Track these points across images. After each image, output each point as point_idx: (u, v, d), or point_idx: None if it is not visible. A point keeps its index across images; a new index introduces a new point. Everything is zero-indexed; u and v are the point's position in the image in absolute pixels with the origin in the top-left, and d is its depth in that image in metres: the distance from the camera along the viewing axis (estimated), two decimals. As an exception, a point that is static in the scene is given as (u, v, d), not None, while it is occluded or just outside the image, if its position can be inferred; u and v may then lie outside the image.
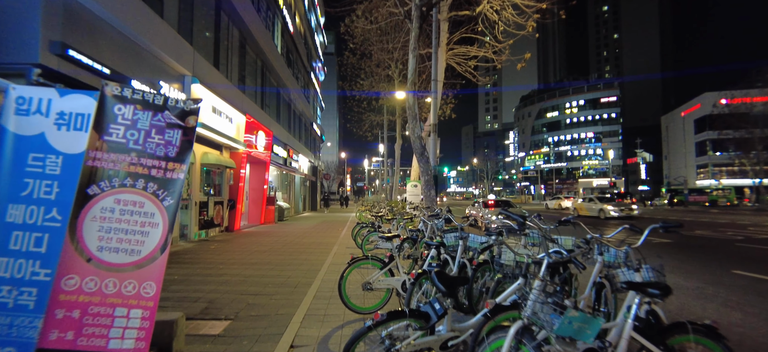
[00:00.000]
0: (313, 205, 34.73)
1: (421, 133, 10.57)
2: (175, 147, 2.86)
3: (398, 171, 28.27)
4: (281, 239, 12.15)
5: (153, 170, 2.80)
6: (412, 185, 15.13)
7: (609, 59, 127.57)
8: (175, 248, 9.86)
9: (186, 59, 10.63)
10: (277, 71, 21.14)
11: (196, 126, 2.95)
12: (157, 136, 2.83)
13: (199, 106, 3.03)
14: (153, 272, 2.67)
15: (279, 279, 6.43)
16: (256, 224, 17.87)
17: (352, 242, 11.40)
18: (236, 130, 14.39)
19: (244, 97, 15.65)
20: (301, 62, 29.86)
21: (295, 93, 26.94)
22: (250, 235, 13.50)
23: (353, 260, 4.45)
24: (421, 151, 10.37)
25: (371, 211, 20.64)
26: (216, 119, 12.40)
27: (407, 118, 10.82)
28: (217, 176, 14.30)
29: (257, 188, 18.32)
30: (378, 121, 30.27)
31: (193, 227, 11.89)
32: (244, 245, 10.87)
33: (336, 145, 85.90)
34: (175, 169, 2.83)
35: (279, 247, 10.43)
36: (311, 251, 9.81)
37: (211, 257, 8.71)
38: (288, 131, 25.32)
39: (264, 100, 19.60)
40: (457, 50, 16.89)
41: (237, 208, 14.73)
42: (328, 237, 12.92)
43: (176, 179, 2.84)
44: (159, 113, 2.88)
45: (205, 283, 6.07)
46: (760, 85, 41.45)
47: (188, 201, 11.79)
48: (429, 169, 10.43)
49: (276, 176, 23.11)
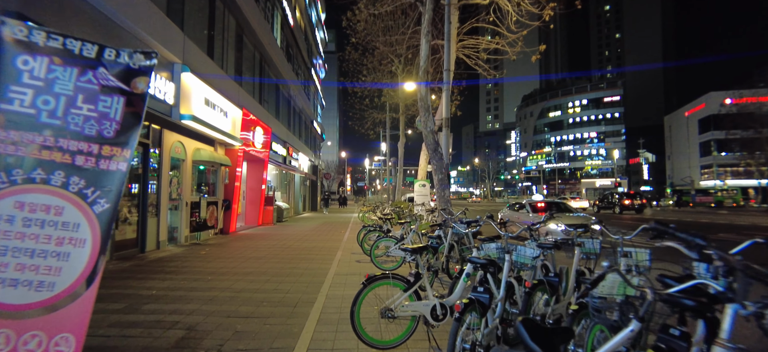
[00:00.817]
0: (314, 205, 33.73)
1: (433, 127, 9.58)
2: (115, 122, 1.89)
3: (401, 170, 27.23)
4: (280, 243, 11.16)
5: (79, 158, 1.82)
6: (420, 184, 14.14)
7: (611, 59, 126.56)
8: (160, 254, 8.86)
9: (175, 45, 9.63)
10: (276, 65, 20.15)
11: (147, 92, 1.96)
12: (86, 106, 1.86)
13: (153, 62, 2.03)
14: (73, 316, 1.70)
15: (276, 295, 5.44)
16: (253, 225, 16.87)
17: (356, 246, 10.40)
18: (232, 126, 13.39)
19: (240, 91, 14.65)
20: (301, 57, 28.86)
21: (295, 89, 25.94)
22: (247, 238, 12.51)
23: (369, 279, 3.45)
24: (434, 147, 9.38)
25: (375, 212, 19.66)
26: (209, 112, 11.40)
27: (418, 111, 9.82)
28: (212, 174, 13.30)
29: (255, 187, 17.32)
30: (380, 118, 29.26)
31: (184, 229, 10.89)
32: (238, 249, 9.88)
33: (336, 145, 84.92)
34: (113, 157, 1.86)
35: (277, 252, 9.44)
36: (312, 257, 8.82)
37: (200, 264, 7.72)
38: (287, 128, 24.33)
39: (262, 95, 18.61)
40: (467, 42, 15.91)
41: (232, 208, 13.74)
42: (331, 241, 11.93)
43: (114, 172, 1.86)
44: (90, 71, 1.89)
45: (187, 300, 5.08)
46: (762, 85, 40.80)
47: (178, 201, 10.80)
48: (443, 166, 9.44)
49: (275, 175, 22.11)
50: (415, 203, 13.40)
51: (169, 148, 9.98)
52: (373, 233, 8.98)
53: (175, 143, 10.29)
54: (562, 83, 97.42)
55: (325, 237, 12.90)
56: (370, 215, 19.34)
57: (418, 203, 13.45)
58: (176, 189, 10.67)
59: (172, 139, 10.09)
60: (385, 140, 34.90)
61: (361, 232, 9.79)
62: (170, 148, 10.03)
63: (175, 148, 10.29)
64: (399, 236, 7.74)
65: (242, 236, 13.15)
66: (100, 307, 4.69)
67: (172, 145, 10.13)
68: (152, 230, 9.33)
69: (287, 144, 22.89)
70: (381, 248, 7.85)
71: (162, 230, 9.67)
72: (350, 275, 6.91)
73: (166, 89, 9.32)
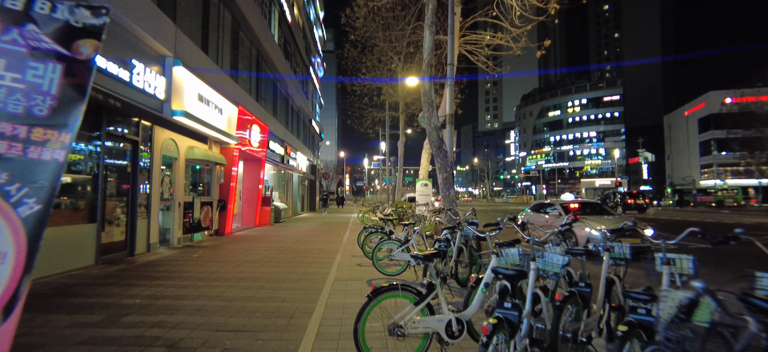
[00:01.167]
0: (312, 205, 33.26)
1: (437, 123, 9.13)
2: (49, 97, 1.45)
3: (401, 170, 26.79)
4: (276, 245, 10.70)
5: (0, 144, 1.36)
6: (422, 183, 13.68)
7: (610, 58, 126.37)
8: (150, 257, 8.40)
9: (166, 37, 9.17)
10: (273, 62, 19.68)
11: (93, 60, 1.51)
12: (9, 75, 1.40)
13: (103, 20, 1.58)
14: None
15: (270, 304, 4.98)
16: (250, 226, 16.41)
17: (357, 248, 9.96)
18: (227, 123, 12.93)
19: (236, 88, 14.19)
20: (299, 55, 28.40)
21: (293, 87, 25.48)
22: (242, 239, 12.04)
23: (376, 291, 3.01)
24: (438, 145, 8.93)
25: (375, 212, 19.20)
26: (203, 109, 10.94)
27: (417, 110, 9.36)
28: (206, 173, 12.83)
29: (251, 187, 16.86)
30: (380, 117, 28.80)
31: (176, 231, 10.42)
32: (233, 252, 9.41)
33: (335, 145, 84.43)
34: (47, 142, 1.43)
35: (273, 255, 8.98)
36: (311, 260, 8.36)
37: (191, 268, 7.25)
38: (285, 127, 23.86)
39: (259, 93, 18.15)
40: (469, 37, 15.49)
41: (228, 209, 13.27)
42: (330, 242, 11.48)
43: (48, 162, 1.42)
44: (14, 28, 1.43)
45: (172, 310, 4.63)
46: (761, 84, 40.72)
47: (170, 202, 10.33)
48: (447, 164, 8.99)
49: (272, 174, 21.64)
50: (418, 204, 12.96)
51: (161, 146, 9.51)
52: (374, 234, 8.53)
53: (167, 141, 9.82)
54: (561, 83, 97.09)
55: (324, 239, 12.45)
56: (370, 216, 18.90)
57: (420, 204, 13.00)
58: (168, 189, 10.20)
59: (164, 136, 9.62)
60: (385, 139, 34.46)
61: (361, 233, 9.34)
62: (162, 146, 9.56)
63: (166, 145, 9.82)
64: (403, 239, 7.29)
65: (238, 237, 12.69)
66: (74, 320, 4.23)
67: (164, 143, 9.67)
68: (142, 231, 8.86)
69: (285, 143, 22.42)
70: (384, 251, 7.41)
71: (153, 232, 9.20)
72: (351, 280, 6.46)
73: (157, 84, 8.86)
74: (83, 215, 7.19)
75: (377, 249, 6.98)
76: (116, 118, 8.07)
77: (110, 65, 7.24)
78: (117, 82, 7.54)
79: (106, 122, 7.58)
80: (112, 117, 7.86)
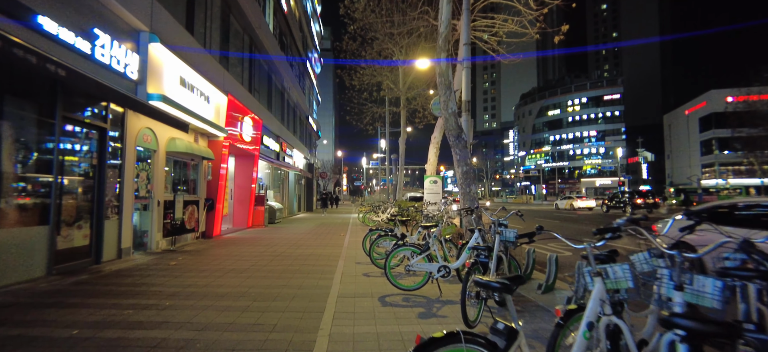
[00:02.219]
0: (309, 205, 31.95)
1: (455, 108, 7.89)
2: None
3: (403, 168, 25.52)
4: (269, 250, 9.43)
5: None
6: (431, 180, 12.42)
7: (608, 58, 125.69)
8: (121, 265, 7.11)
9: (140, 8, 7.87)
10: (268, 51, 18.39)
11: None
12: None
13: None
14: None
15: (254, 335, 3.72)
16: (242, 227, 15.11)
17: (361, 254, 8.72)
18: (215, 113, 11.64)
19: (226, 75, 12.90)
20: (296, 47, 27.09)
21: (289, 80, 24.18)
22: (232, 243, 10.76)
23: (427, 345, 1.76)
24: (457, 134, 7.69)
25: (377, 212, 17.95)
26: (186, 95, 9.65)
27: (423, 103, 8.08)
28: (192, 169, 11.53)
29: (244, 185, 15.56)
30: (380, 112, 27.54)
31: (155, 233, 9.13)
32: (218, 259, 8.13)
33: (332, 144, 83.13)
34: None
35: (265, 262, 7.71)
36: (309, 269, 7.10)
37: (163, 281, 5.98)
38: (281, 122, 22.57)
39: (253, 83, 16.85)
40: (480, 23, 14.27)
41: (217, 209, 11.98)
42: (330, 246, 10.21)
43: None
44: None
45: (116, 347, 3.35)
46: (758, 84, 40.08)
47: (148, 200, 9.04)
48: (468, 157, 7.76)
49: (268, 173, 20.33)
50: (427, 203, 11.72)
51: (136, 135, 8.21)
52: (384, 239, 7.27)
53: (144, 130, 8.52)
54: (561, 81, 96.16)
55: (322, 241, 11.18)
56: (373, 216, 17.65)
57: (430, 203, 11.77)
58: (145, 185, 8.91)
59: (139, 124, 8.32)
60: (385, 137, 33.21)
61: (367, 237, 8.09)
62: (137, 136, 8.26)
63: (143, 135, 8.53)
64: (420, 244, 6.06)
65: (227, 240, 11.40)
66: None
67: (140, 133, 8.37)
68: (111, 235, 7.57)
69: (280, 139, 21.14)
70: (398, 259, 6.18)
71: (125, 235, 7.90)
72: (359, 297, 5.21)
73: (129, 61, 7.57)
74: (31, 215, 5.89)
75: (391, 256, 5.73)
76: (77, 99, 6.77)
77: (64, 32, 5.94)
78: (76, 55, 6.25)
79: (62, 103, 6.28)
80: (71, 97, 6.56)
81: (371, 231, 7.96)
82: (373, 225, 17.20)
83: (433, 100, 10.42)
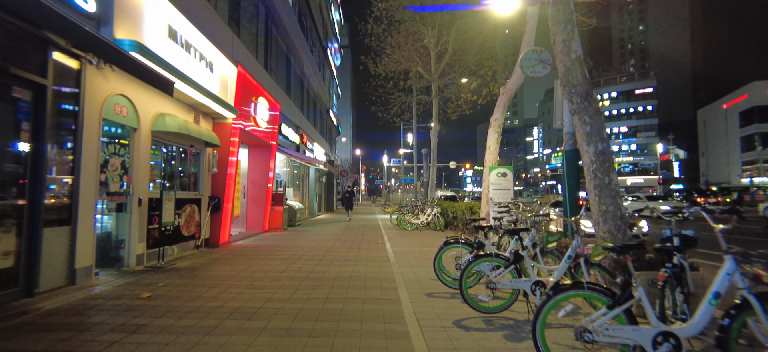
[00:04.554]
0: (330, 205, 29.34)
1: (581, 52, 5.10)
2: None
3: (435, 165, 22.65)
4: (293, 266, 6.78)
5: None
6: (499, 173, 9.54)
7: (634, 52, 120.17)
8: (66, 298, 4.51)
9: None
10: (286, 28, 15.85)
11: None
12: None
13: None
14: None
15: None
16: (256, 231, 12.52)
17: (422, 272, 6.02)
18: (222, 86, 9.07)
19: (235, 41, 10.31)
20: (315, 32, 24.55)
21: (309, 67, 21.62)
22: (242, 255, 8.14)
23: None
24: (584, 91, 4.91)
25: (415, 213, 15.21)
26: (177, 52, 7.06)
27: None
28: (193, 159, 8.97)
29: (259, 181, 12.98)
30: (408, 102, 24.73)
31: (135, 244, 6.55)
32: (218, 285, 5.50)
33: (350, 142, 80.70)
34: None
35: (288, 293, 5.04)
36: (360, 309, 4.39)
37: (108, 342, 3.34)
38: (301, 112, 20.03)
39: (269, 62, 14.28)
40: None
41: (223, 209, 9.40)
42: (372, 261, 7.50)
43: None
44: None
45: None
46: None
47: (124, 197, 6.47)
48: (603, 128, 4.94)
49: (286, 170, 17.75)
50: (494, 202, 8.94)
51: (101, 104, 5.62)
52: (453, 247, 4.99)
53: (115, 98, 5.94)
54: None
55: (360, 253, 8.48)
56: (410, 219, 14.91)
57: (497, 203, 8.96)
58: (119, 176, 6.34)
59: (107, 87, 5.73)
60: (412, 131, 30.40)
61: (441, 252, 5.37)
62: (104, 105, 5.67)
63: (114, 106, 5.95)
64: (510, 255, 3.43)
65: (237, 250, 8.80)
66: None
67: (108, 101, 5.78)
68: (58, 250, 4.99)
69: (300, 130, 18.59)
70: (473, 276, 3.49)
71: (82, 250, 5.32)
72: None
73: (82, -14, 4.98)
74: None
75: (467, 273, 3.12)
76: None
77: None
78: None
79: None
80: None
81: (447, 244, 5.22)
82: (411, 228, 14.57)
83: (524, 55, 7.59)
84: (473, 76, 19.53)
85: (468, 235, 12.08)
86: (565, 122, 6.56)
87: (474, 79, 19.45)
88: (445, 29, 18.74)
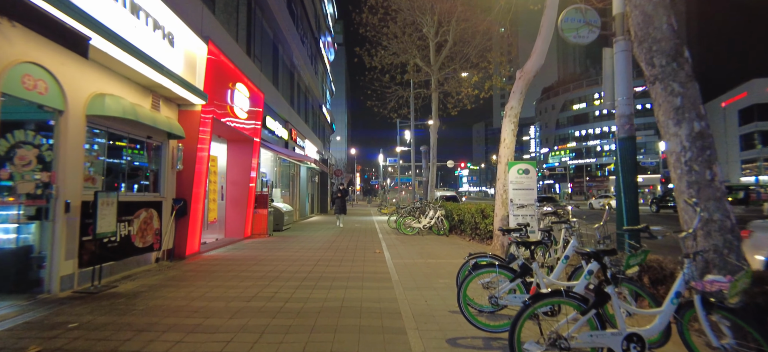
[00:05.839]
0: (323, 207, 27.76)
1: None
2: None
3: (435, 163, 21.17)
4: (264, 291, 5.25)
5: None
6: (521, 170, 8.01)
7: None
8: None
9: None
10: (273, 12, 14.29)
11: None
12: None
13: None
14: None
15: None
16: (238, 237, 10.96)
17: (431, 296, 4.50)
18: (186, 65, 7.51)
19: (206, 13, 8.71)
20: (307, 22, 22.99)
21: (300, 58, 20.05)
22: (210, 272, 6.59)
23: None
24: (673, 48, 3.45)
25: (416, 216, 13.73)
26: (118, 13, 5.51)
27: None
28: (153, 154, 7.40)
29: (240, 180, 11.41)
30: (406, 97, 23.21)
31: (60, 261, 5.00)
32: (152, 325, 3.96)
33: (344, 141, 79.05)
34: None
35: (246, 340, 3.53)
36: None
37: None
38: (290, 106, 18.47)
39: (252, 46, 12.71)
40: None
41: (191, 213, 7.84)
42: (369, 279, 5.99)
43: None
44: None
45: None
46: None
47: (44, 201, 4.92)
48: (699, 100, 3.47)
49: (275, 169, 16.16)
50: (514, 204, 7.46)
51: (3, 74, 4.06)
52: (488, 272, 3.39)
53: (19, 66, 4.38)
54: (586, 74, 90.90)
55: (352, 265, 6.96)
56: (411, 222, 13.40)
57: (519, 205, 7.47)
58: (34, 173, 4.78)
59: (12, 51, 4.18)
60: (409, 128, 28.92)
61: (464, 270, 3.88)
62: (5, 75, 4.12)
63: (21, 77, 4.39)
64: None
65: (205, 264, 7.24)
66: None
67: (12, 69, 4.22)
68: None
69: (289, 125, 17.04)
70: None
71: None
72: None
73: None
74: None
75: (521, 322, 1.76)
76: None
77: None
78: None
79: None
80: None
81: (477, 268, 3.71)
82: (412, 232, 13.09)
83: (564, 14, 6.08)
84: (475, 69, 18.22)
85: (478, 243, 10.59)
86: (618, 101, 5.09)
87: (475, 72, 18.13)
88: (444, 18, 17.43)
